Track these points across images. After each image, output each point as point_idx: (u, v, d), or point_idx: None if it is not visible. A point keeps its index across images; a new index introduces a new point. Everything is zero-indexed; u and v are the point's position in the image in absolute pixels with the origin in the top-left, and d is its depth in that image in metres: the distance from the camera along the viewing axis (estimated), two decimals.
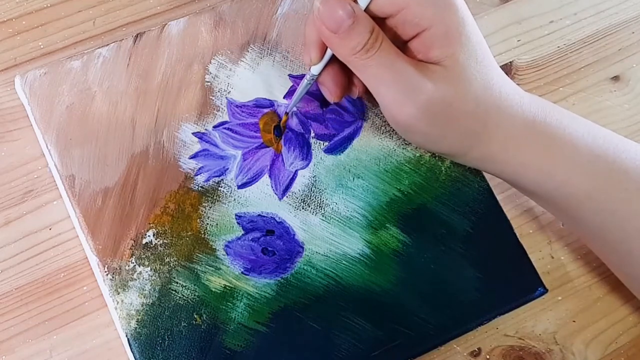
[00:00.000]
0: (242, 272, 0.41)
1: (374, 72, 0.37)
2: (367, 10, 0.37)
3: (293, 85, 0.45)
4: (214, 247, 0.42)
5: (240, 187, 0.43)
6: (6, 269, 0.41)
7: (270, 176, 0.43)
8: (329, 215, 0.43)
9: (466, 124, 0.38)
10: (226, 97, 0.44)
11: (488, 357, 0.43)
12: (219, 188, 0.43)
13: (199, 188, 0.42)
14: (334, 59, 0.39)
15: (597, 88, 0.49)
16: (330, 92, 0.40)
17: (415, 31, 0.37)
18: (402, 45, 0.38)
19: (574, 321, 0.45)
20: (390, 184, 0.44)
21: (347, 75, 0.40)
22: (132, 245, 0.41)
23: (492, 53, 0.49)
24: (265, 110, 0.44)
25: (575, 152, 0.39)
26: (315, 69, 0.39)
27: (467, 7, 0.38)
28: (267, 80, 0.45)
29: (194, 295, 0.41)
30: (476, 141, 0.39)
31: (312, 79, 0.40)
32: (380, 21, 0.37)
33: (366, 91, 0.40)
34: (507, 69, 0.49)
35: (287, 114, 0.44)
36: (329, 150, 0.44)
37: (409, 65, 0.36)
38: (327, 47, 0.38)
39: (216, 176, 0.43)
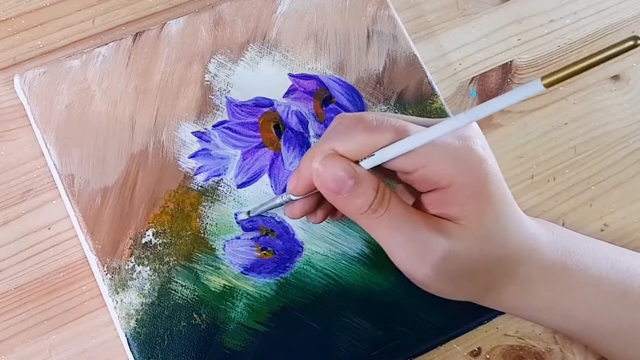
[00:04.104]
0: (241, 272, 0.41)
1: (384, 233, 0.34)
2: (381, 165, 0.34)
3: (293, 85, 0.45)
4: (213, 246, 0.42)
5: (239, 186, 0.43)
6: (5, 269, 0.41)
7: (269, 176, 0.43)
8: None
9: (483, 277, 0.36)
10: (226, 96, 0.44)
11: (488, 356, 0.43)
12: (219, 187, 0.43)
13: (199, 187, 0.42)
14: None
15: (597, 87, 0.49)
16: (292, 213, 0.38)
17: (432, 187, 0.34)
18: (413, 193, 0.37)
19: None
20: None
21: (318, 202, 0.38)
22: (132, 245, 0.41)
23: (492, 52, 0.49)
24: (265, 110, 0.44)
25: (598, 293, 0.37)
26: (295, 197, 0.37)
27: (494, 158, 0.35)
28: (266, 79, 0.45)
29: (194, 294, 0.41)
30: (492, 289, 0.37)
31: (288, 201, 0.38)
32: (393, 173, 0.36)
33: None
34: (507, 68, 0.49)
35: (248, 212, 0.42)
36: None
37: (422, 225, 0.34)
38: (315, 187, 0.35)
39: (215, 175, 0.43)
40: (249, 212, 0.41)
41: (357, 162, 0.34)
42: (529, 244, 0.36)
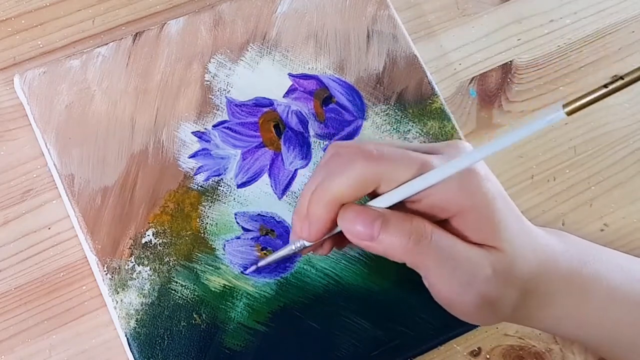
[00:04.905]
0: (241, 272, 0.41)
1: (433, 263, 0.33)
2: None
3: (293, 85, 0.45)
4: (213, 246, 0.42)
5: (239, 186, 0.43)
6: (5, 269, 0.41)
7: (269, 175, 0.43)
8: None
9: (513, 299, 0.35)
10: (226, 96, 0.44)
11: (488, 356, 0.43)
12: (219, 187, 0.43)
13: (199, 187, 0.42)
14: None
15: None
16: (325, 252, 0.37)
17: (442, 216, 0.34)
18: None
19: None
20: None
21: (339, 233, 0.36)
22: (132, 245, 0.41)
23: (492, 52, 0.49)
24: (265, 110, 0.44)
25: (613, 303, 0.37)
26: (309, 242, 0.35)
27: (494, 177, 0.35)
28: (266, 79, 0.45)
29: (194, 294, 0.41)
30: (516, 306, 0.36)
31: (302, 247, 0.36)
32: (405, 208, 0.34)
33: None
34: (507, 68, 0.49)
35: (257, 266, 0.40)
36: None
37: (469, 251, 0.33)
38: (335, 226, 0.34)
39: (215, 175, 0.43)
40: (258, 267, 0.40)
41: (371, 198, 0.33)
42: (545, 256, 0.36)
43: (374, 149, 0.33)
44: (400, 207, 0.34)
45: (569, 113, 0.27)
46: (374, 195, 0.34)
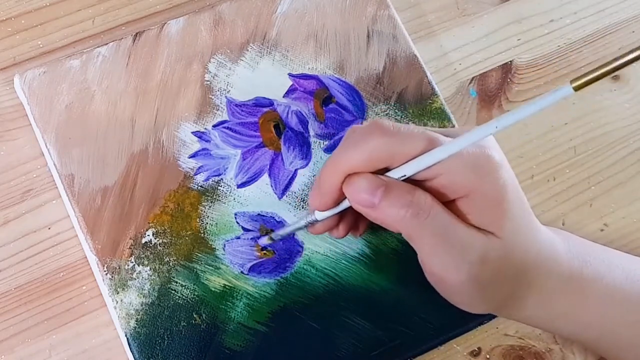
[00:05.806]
0: (241, 272, 0.41)
1: (429, 240, 0.34)
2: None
3: (293, 85, 0.45)
4: (213, 246, 0.42)
5: (239, 186, 0.43)
6: (5, 269, 0.41)
7: (269, 175, 0.43)
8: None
9: (506, 287, 0.36)
10: (226, 96, 0.44)
11: (488, 356, 0.43)
12: (219, 187, 0.43)
13: (199, 187, 0.42)
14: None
15: (597, 87, 0.49)
16: (315, 230, 0.38)
17: (451, 196, 0.34)
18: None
19: None
20: None
21: (339, 218, 0.38)
22: (132, 245, 0.41)
23: (492, 52, 0.49)
24: (265, 110, 0.44)
25: (613, 304, 0.37)
26: (320, 215, 0.36)
27: (509, 167, 0.35)
28: (266, 79, 0.45)
29: (194, 294, 0.41)
30: (511, 299, 0.36)
31: (312, 222, 0.37)
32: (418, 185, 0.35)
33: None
34: (507, 68, 0.49)
35: (271, 238, 0.41)
36: (329, 150, 0.44)
37: (463, 226, 0.34)
38: (344, 198, 0.35)
39: (215, 175, 0.43)
40: (271, 238, 0.41)
41: (384, 174, 0.34)
42: (547, 253, 0.36)
43: (390, 125, 0.34)
44: (411, 184, 0.34)
45: (577, 88, 0.27)
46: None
